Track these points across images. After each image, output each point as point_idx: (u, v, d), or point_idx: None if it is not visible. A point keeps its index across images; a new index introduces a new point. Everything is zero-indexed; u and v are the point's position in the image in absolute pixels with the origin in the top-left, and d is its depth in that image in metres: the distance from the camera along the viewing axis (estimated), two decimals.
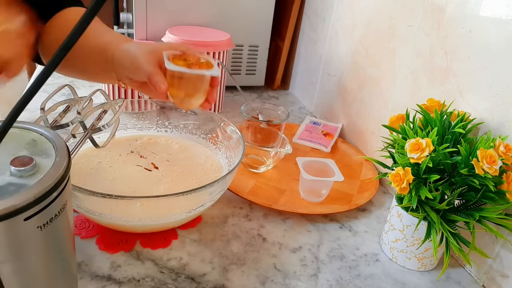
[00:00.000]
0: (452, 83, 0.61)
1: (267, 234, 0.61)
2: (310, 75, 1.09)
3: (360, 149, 0.86)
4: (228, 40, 0.92)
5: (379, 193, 0.74)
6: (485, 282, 0.56)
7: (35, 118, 0.52)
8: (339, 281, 0.54)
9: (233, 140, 0.67)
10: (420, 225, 0.54)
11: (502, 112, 0.53)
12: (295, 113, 1.07)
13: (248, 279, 0.53)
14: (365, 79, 0.84)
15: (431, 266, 0.58)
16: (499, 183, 0.49)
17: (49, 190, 0.30)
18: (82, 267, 0.51)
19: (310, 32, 1.08)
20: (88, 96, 0.54)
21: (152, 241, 0.57)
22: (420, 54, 0.67)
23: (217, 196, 0.58)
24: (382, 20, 0.77)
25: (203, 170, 0.66)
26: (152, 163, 0.66)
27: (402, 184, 0.51)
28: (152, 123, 0.75)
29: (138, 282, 0.50)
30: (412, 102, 0.69)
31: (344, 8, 0.91)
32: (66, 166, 0.32)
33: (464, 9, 0.58)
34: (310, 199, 0.69)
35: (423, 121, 0.57)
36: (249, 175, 0.75)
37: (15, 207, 0.27)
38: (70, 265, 0.38)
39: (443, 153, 0.50)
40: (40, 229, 0.30)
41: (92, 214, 0.52)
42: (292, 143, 0.88)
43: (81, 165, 0.63)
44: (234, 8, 1.03)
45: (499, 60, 0.53)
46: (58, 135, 0.35)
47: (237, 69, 1.12)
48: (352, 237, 0.63)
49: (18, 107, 0.27)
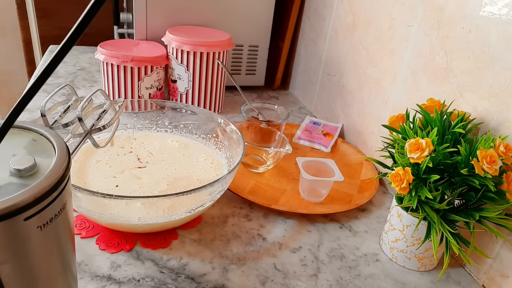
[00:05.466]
0: (452, 83, 0.61)
1: (267, 234, 0.61)
2: (310, 75, 1.09)
3: (360, 149, 0.86)
4: (228, 40, 0.92)
5: (379, 193, 0.74)
6: (485, 282, 0.56)
7: (35, 118, 0.52)
8: (339, 281, 0.54)
9: (233, 140, 0.67)
10: (420, 225, 0.54)
11: (502, 112, 0.53)
12: (295, 113, 1.07)
13: (248, 279, 0.53)
14: (365, 79, 0.84)
15: (431, 266, 0.58)
16: (499, 183, 0.49)
17: (49, 190, 0.30)
18: (82, 267, 0.51)
19: (310, 32, 1.08)
20: (88, 96, 0.54)
21: (152, 241, 0.57)
22: (420, 54, 0.67)
23: (217, 196, 0.58)
24: (382, 20, 0.77)
25: (203, 168, 0.66)
26: (152, 163, 0.66)
27: (402, 184, 0.51)
28: (152, 123, 0.75)
29: (138, 282, 0.50)
30: (412, 102, 0.69)
31: (344, 8, 0.91)
32: (66, 166, 0.32)
33: (464, 9, 0.58)
34: (310, 199, 0.69)
35: (423, 121, 0.57)
36: (249, 175, 0.75)
37: (15, 207, 0.27)
38: (70, 265, 0.38)
39: (443, 153, 0.50)
40: (40, 229, 0.30)
41: (92, 214, 0.52)
42: (292, 143, 0.88)
43: (80, 164, 0.63)
44: (234, 8, 1.03)
45: (499, 60, 0.53)
46: (58, 135, 0.35)
47: (237, 69, 1.12)
48: (352, 237, 0.63)
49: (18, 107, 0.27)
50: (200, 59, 0.89)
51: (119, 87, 0.88)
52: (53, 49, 1.28)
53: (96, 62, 1.22)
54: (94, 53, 1.10)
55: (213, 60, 0.91)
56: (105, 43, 0.89)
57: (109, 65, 0.86)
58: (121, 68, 0.86)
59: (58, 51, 0.25)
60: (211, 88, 0.94)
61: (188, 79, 0.92)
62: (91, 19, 0.24)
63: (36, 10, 1.43)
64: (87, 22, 0.24)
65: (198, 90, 0.93)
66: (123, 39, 1.15)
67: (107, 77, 0.88)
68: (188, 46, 0.87)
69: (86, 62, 1.22)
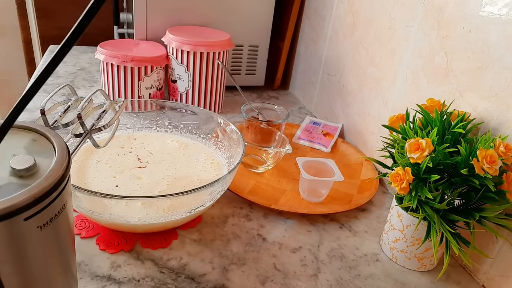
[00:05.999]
0: (452, 83, 0.61)
1: (267, 234, 0.61)
2: (310, 75, 1.09)
3: (360, 149, 0.86)
4: (228, 40, 0.92)
5: (379, 193, 0.74)
6: (485, 282, 0.56)
7: (35, 118, 0.52)
8: (339, 281, 0.54)
9: (233, 140, 0.67)
10: (420, 225, 0.54)
11: (502, 112, 0.53)
12: (295, 113, 1.07)
13: (248, 279, 0.53)
14: (365, 79, 0.84)
15: (431, 266, 0.58)
16: (499, 183, 0.49)
17: (49, 190, 0.30)
18: (82, 267, 0.51)
19: (310, 32, 1.08)
20: (88, 96, 0.54)
21: (152, 241, 0.57)
22: (420, 54, 0.67)
23: (217, 196, 0.58)
24: (382, 20, 0.77)
25: (203, 168, 0.66)
26: (152, 163, 0.66)
27: (402, 184, 0.51)
28: (152, 123, 0.75)
29: (138, 282, 0.50)
30: (412, 102, 0.69)
31: (344, 8, 0.91)
32: (66, 166, 0.32)
33: (464, 9, 0.58)
34: (310, 199, 0.69)
35: (423, 121, 0.57)
36: (249, 175, 0.75)
37: (15, 207, 0.27)
38: (70, 265, 0.38)
39: (443, 153, 0.50)
40: (40, 229, 0.30)
41: (92, 214, 0.52)
42: (292, 143, 0.88)
43: (80, 164, 0.63)
44: (234, 8, 1.03)
45: (499, 60, 0.53)
46: (58, 135, 0.35)
47: (237, 69, 1.12)
48: (352, 237, 0.63)
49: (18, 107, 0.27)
50: (200, 59, 0.89)
51: (119, 87, 0.88)
52: (53, 49, 1.28)
53: (96, 62, 1.23)
54: (94, 53, 1.10)
55: (213, 60, 0.91)
56: (105, 43, 0.89)
57: (109, 65, 0.86)
58: (121, 68, 0.86)
59: (58, 51, 0.25)
60: (211, 88, 0.94)
61: (188, 79, 0.92)
62: (91, 19, 0.24)
63: (36, 10, 1.43)
64: (87, 22, 0.24)
65: (198, 90, 0.93)
66: (123, 39, 1.15)
67: (107, 77, 0.88)
68: (188, 46, 0.87)
69: (86, 62, 1.22)
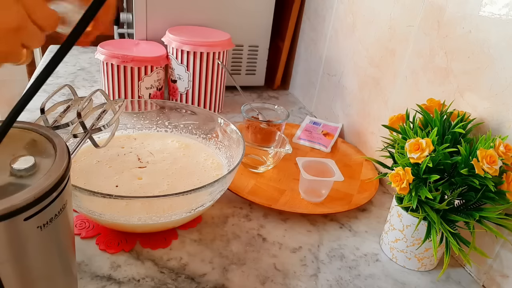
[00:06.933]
0: (452, 83, 0.61)
1: (267, 234, 0.61)
2: (310, 75, 1.09)
3: (360, 149, 0.86)
4: (228, 40, 0.92)
5: (379, 193, 0.74)
6: (485, 282, 0.56)
7: (35, 118, 0.52)
8: (339, 281, 0.54)
9: (233, 140, 0.67)
10: (420, 225, 0.54)
11: (502, 112, 0.53)
12: (295, 113, 1.07)
13: (248, 279, 0.53)
14: (365, 79, 0.84)
15: (431, 266, 0.58)
16: (499, 183, 0.49)
17: (49, 190, 0.30)
18: (82, 267, 0.51)
19: (310, 32, 1.08)
20: (88, 96, 0.54)
21: (152, 241, 0.57)
22: (420, 54, 0.67)
23: (217, 196, 0.58)
24: (382, 20, 0.77)
25: (203, 168, 0.66)
26: (152, 163, 0.66)
27: (402, 184, 0.51)
28: (152, 123, 0.75)
29: (138, 282, 0.50)
30: (412, 102, 0.69)
31: (344, 8, 0.91)
32: (66, 166, 0.32)
33: (464, 9, 0.58)
34: (310, 199, 0.69)
35: (423, 121, 0.57)
36: (249, 175, 0.75)
37: (15, 207, 0.27)
38: (70, 265, 0.38)
39: (443, 153, 0.50)
40: (40, 229, 0.30)
41: (92, 214, 0.52)
42: (292, 143, 0.88)
43: (80, 164, 0.63)
44: (234, 8, 1.03)
45: (499, 60, 0.53)
46: (58, 135, 0.35)
47: (237, 69, 1.12)
48: (352, 237, 0.63)
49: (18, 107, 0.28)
50: (200, 59, 0.89)
51: (119, 87, 0.88)
52: (53, 49, 1.27)
53: (96, 62, 1.22)
54: (94, 53, 1.10)
55: (213, 60, 0.91)
56: (105, 43, 0.89)
57: (109, 65, 0.86)
58: (121, 68, 0.86)
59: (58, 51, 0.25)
60: (211, 88, 0.94)
61: (188, 79, 0.92)
62: (91, 19, 0.24)
63: None
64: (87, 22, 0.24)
65: (198, 90, 0.93)
66: (123, 39, 1.15)
67: (107, 77, 0.88)
68: (188, 46, 0.87)
69: (86, 62, 1.22)
